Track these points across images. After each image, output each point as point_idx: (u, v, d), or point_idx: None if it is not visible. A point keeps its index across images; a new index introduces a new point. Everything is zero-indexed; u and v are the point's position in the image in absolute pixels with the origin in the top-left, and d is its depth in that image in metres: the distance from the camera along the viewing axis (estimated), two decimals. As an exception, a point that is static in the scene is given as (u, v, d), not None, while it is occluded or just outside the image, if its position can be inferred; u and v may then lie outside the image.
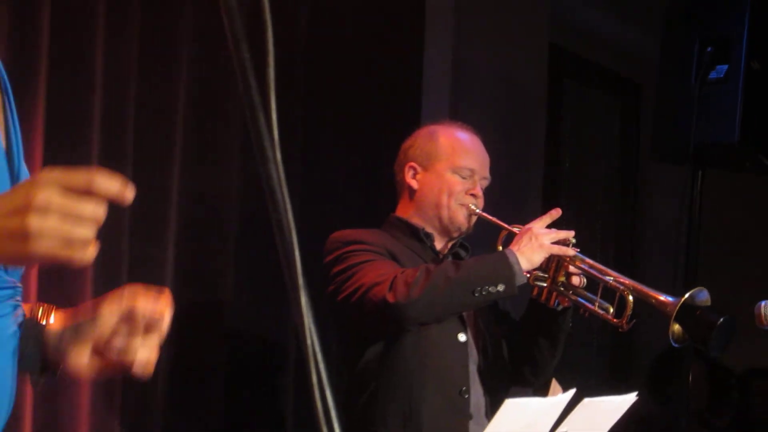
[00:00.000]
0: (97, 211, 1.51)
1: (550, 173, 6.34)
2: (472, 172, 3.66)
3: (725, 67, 4.66)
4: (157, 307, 2.00)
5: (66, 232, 1.48)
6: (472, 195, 3.65)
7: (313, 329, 1.45)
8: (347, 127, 4.78)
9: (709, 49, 4.69)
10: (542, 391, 3.49)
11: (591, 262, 3.54)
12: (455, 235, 3.72)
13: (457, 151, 3.68)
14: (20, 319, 1.92)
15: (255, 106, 1.47)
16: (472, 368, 3.60)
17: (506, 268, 3.38)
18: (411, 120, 4.97)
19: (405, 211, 3.75)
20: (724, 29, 4.71)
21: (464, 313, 3.61)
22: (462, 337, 3.60)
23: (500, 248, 3.53)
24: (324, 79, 4.63)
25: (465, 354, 3.60)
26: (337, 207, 3.87)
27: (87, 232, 1.50)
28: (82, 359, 2.01)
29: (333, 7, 4.64)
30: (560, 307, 3.61)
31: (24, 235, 1.46)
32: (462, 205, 3.64)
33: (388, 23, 4.96)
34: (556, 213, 3.54)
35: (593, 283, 3.54)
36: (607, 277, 3.51)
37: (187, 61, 4.22)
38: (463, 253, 3.77)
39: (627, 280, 3.49)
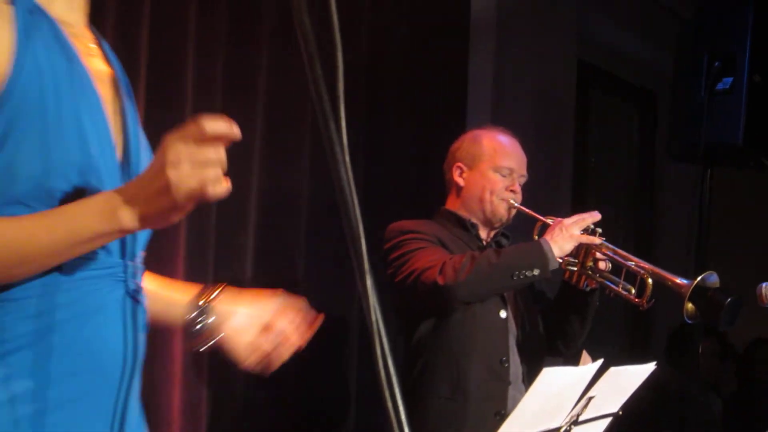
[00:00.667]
0: (218, 151, 1.58)
1: (578, 171, 6.31)
2: (511, 170, 3.64)
3: (730, 79, 4.64)
4: (299, 327, 2.19)
5: (198, 173, 1.56)
6: (512, 191, 3.63)
7: (378, 308, 1.41)
8: (403, 133, 4.78)
9: (716, 63, 4.66)
10: (573, 360, 3.46)
11: (615, 249, 3.52)
12: (497, 225, 3.70)
13: (498, 153, 3.66)
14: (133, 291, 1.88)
15: (327, 115, 1.45)
16: (512, 341, 3.60)
17: (541, 255, 3.38)
18: (457, 126, 4.96)
19: (453, 205, 3.72)
20: (729, 46, 4.69)
21: (505, 293, 3.59)
22: (503, 314, 3.59)
23: (536, 237, 3.52)
24: (383, 92, 4.64)
25: (505, 328, 3.60)
26: (394, 201, 3.80)
27: (215, 169, 1.58)
28: (244, 339, 2.11)
29: (390, 29, 4.62)
30: (588, 288, 3.59)
31: (167, 188, 1.55)
32: (502, 199, 3.61)
33: (438, 43, 4.97)
34: (592, 215, 3.51)
35: (617, 268, 3.52)
36: (629, 262, 3.49)
37: (266, 75, 4.24)
38: (504, 241, 3.76)
39: (647, 265, 3.47)
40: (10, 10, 1.71)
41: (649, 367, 2.24)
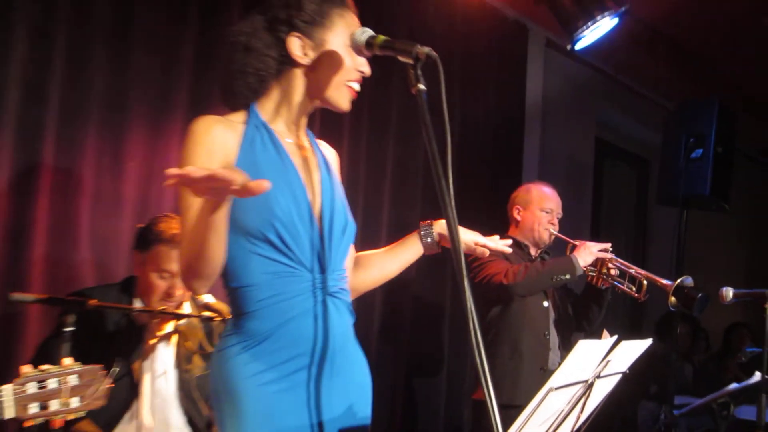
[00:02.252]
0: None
1: (594, 211, 6.28)
2: (552, 210, 3.73)
3: (701, 150, 4.62)
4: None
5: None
6: (552, 224, 3.71)
7: (470, 296, 1.45)
8: (482, 183, 4.81)
9: (691, 140, 4.63)
10: (595, 335, 3.43)
11: (622, 261, 3.61)
12: (542, 246, 3.77)
13: (543, 198, 3.74)
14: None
15: (437, 163, 1.50)
16: (551, 321, 3.64)
17: (571, 265, 3.46)
18: (515, 180, 4.97)
19: (513, 233, 3.76)
20: (700, 128, 4.68)
21: (547, 290, 3.63)
22: (545, 304, 3.65)
23: (568, 254, 3.53)
24: (470, 158, 4.66)
25: (547, 313, 3.65)
26: (477, 229, 3.87)
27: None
28: (467, 237, 2.17)
29: (475, 115, 4.64)
30: (603, 287, 3.62)
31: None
32: (545, 229, 3.69)
33: (505, 124, 5.00)
34: (606, 244, 3.57)
35: (623, 274, 3.59)
36: (631, 270, 3.58)
37: (393, 143, 4.27)
38: (546, 256, 3.79)
39: (643, 272, 3.57)
40: (243, 127, 1.82)
41: (647, 342, 2.24)
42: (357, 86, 1.88)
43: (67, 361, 1.80)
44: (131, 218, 3.15)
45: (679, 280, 3.45)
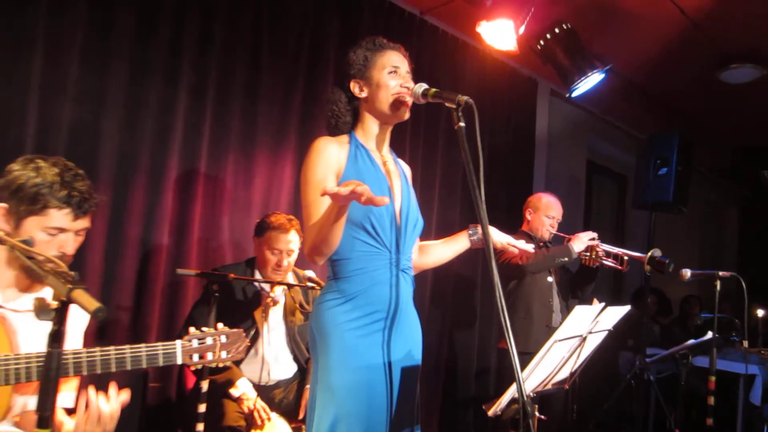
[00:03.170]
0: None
1: (586, 214, 6.13)
2: (554, 217, 3.61)
3: (666, 169, 4.46)
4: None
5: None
6: (552, 227, 3.61)
7: (496, 274, 1.43)
8: (502, 194, 4.70)
9: (658, 161, 4.48)
10: (587, 302, 3.36)
11: (607, 246, 3.50)
12: (547, 241, 3.65)
13: (548, 207, 3.62)
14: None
15: (473, 178, 1.48)
16: (554, 292, 3.54)
17: (568, 251, 3.37)
18: (526, 191, 4.90)
19: (525, 227, 3.66)
20: (665, 152, 4.51)
21: (551, 269, 3.53)
22: (550, 279, 3.54)
23: (566, 243, 3.43)
24: (493, 176, 4.57)
25: (551, 286, 3.54)
26: (498, 225, 3.79)
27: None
28: (497, 239, 2.10)
29: (497, 142, 4.58)
30: (594, 266, 3.52)
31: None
32: (547, 230, 3.60)
33: (519, 149, 4.92)
34: (593, 233, 3.47)
35: (608, 254, 3.48)
36: (614, 250, 3.46)
37: (440, 157, 4.21)
38: (549, 244, 3.65)
39: (623, 251, 3.46)
40: (348, 146, 1.84)
41: (626, 308, 2.17)
42: (407, 98, 1.82)
43: (220, 325, 1.82)
44: (257, 215, 3.20)
45: (650, 252, 3.35)
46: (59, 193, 1.60)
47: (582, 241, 3.40)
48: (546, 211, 3.59)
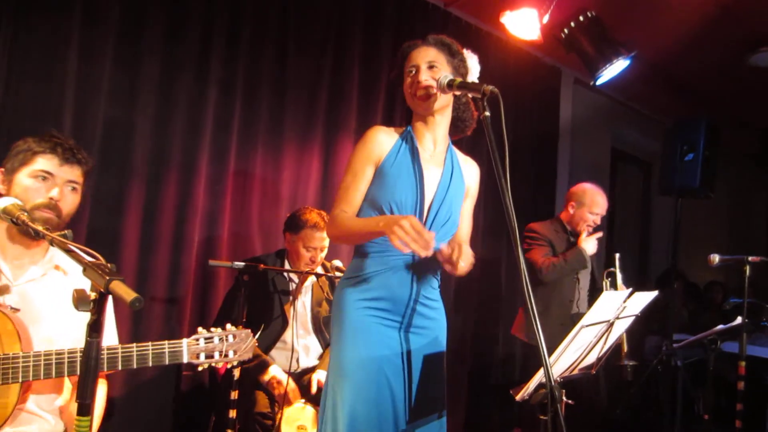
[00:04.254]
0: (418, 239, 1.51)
1: (611, 202, 5.99)
2: (598, 214, 3.45)
3: (692, 154, 4.33)
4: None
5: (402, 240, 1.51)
6: (595, 223, 3.44)
7: (524, 266, 1.41)
8: (527, 183, 4.67)
9: (684, 147, 4.35)
10: (614, 289, 3.30)
11: None
12: (578, 232, 3.47)
13: (594, 205, 3.44)
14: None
15: (498, 166, 1.46)
16: (577, 288, 3.41)
17: (584, 258, 3.29)
18: (551, 180, 4.87)
19: (563, 217, 3.52)
20: (691, 137, 4.36)
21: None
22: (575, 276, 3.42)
23: (577, 247, 3.32)
24: (518, 164, 4.53)
25: (575, 284, 3.41)
26: (521, 215, 3.76)
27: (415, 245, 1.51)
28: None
29: (522, 133, 4.53)
30: None
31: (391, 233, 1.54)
32: (588, 227, 3.42)
33: (543, 139, 4.86)
34: (599, 233, 3.38)
35: None
36: None
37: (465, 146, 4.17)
38: (573, 239, 3.50)
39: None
40: (397, 137, 1.86)
41: (654, 293, 2.14)
42: (420, 92, 1.82)
43: (229, 326, 1.83)
44: (286, 208, 3.23)
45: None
46: (46, 144, 1.72)
47: (593, 243, 3.30)
48: (591, 207, 3.43)
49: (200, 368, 1.76)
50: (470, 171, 2.02)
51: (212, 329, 1.79)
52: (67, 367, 1.57)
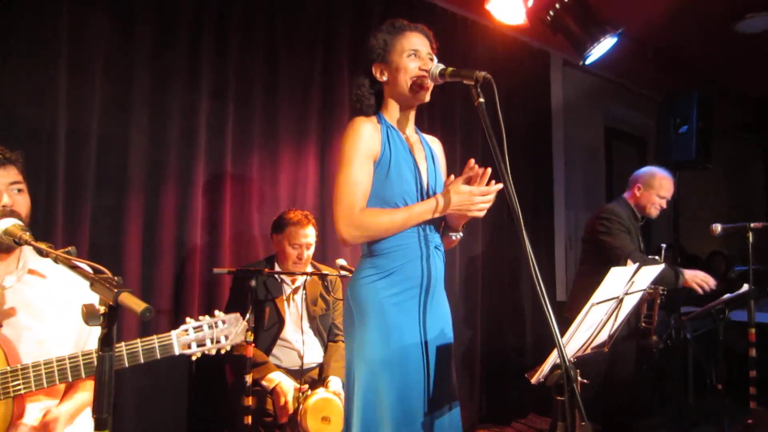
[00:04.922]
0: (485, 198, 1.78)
1: (608, 179, 5.99)
2: (665, 197, 3.43)
3: (686, 127, 4.36)
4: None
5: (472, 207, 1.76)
6: (661, 205, 3.43)
7: (532, 256, 1.40)
8: (521, 162, 4.62)
9: (678, 120, 4.37)
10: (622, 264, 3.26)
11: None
12: (649, 218, 3.46)
13: (663, 188, 3.41)
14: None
15: (496, 150, 1.46)
16: None
17: (677, 281, 3.26)
18: (545, 160, 4.85)
19: (630, 199, 3.48)
20: (685, 111, 4.40)
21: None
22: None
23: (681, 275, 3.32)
24: (514, 145, 4.50)
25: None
26: (519, 188, 3.73)
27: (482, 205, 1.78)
28: None
29: (516, 115, 4.51)
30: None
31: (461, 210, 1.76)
32: (657, 210, 3.42)
33: (537, 120, 4.85)
34: (713, 282, 3.34)
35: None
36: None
37: (459, 133, 4.13)
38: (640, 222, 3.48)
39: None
40: (380, 127, 1.84)
41: (662, 266, 2.14)
42: (427, 81, 1.81)
43: (217, 312, 1.80)
44: (285, 210, 3.21)
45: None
46: None
47: (694, 279, 3.24)
48: (659, 191, 3.40)
49: (194, 357, 1.72)
50: (438, 148, 2.04)
51: (200, 318, 1.76)
52: (58, 374, 1.55)
